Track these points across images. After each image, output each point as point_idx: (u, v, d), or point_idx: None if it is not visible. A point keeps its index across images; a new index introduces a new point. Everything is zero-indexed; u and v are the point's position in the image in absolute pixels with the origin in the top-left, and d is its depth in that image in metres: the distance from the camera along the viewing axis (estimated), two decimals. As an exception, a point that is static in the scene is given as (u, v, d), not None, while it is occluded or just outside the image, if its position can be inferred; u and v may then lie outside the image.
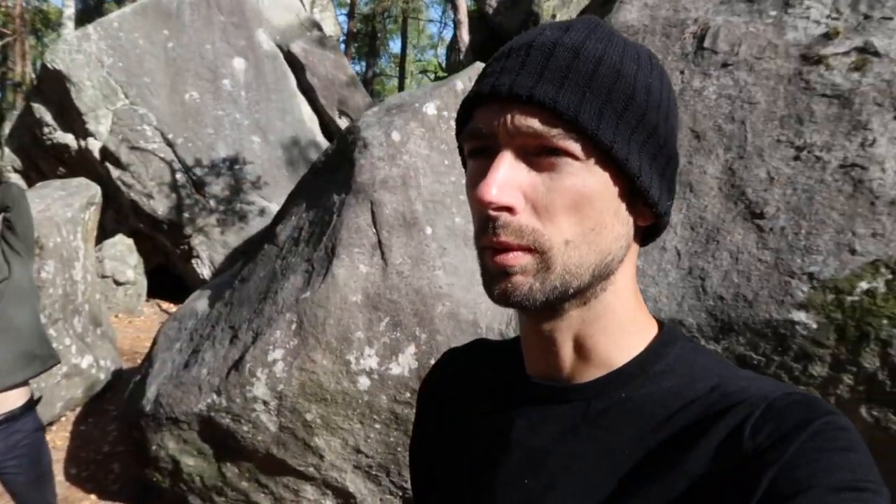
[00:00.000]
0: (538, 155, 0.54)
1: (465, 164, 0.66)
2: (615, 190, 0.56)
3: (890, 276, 1.98)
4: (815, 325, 2.09)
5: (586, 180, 0.54)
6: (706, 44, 2.67)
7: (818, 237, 2.12)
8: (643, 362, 0.59)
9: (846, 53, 2.31)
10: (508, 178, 0.53)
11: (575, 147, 0.53)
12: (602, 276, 0.57)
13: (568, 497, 0.56)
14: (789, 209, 2.21)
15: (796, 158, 2.26)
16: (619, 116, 0.54)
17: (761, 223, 2.25)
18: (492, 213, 0.53)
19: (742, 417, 0.51)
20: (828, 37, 2.42)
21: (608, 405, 0.58)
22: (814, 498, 0.43)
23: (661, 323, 0.64)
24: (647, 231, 0.63)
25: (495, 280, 0.56)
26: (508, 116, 0.54)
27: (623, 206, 0.57)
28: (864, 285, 2.02)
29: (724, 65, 2.56)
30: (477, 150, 0.58)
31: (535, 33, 0.57)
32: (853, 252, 2.04)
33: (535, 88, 0.53)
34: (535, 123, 0.53)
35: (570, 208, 0.54)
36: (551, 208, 0.54)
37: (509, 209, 0.53)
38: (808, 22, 2.51)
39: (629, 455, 0.55)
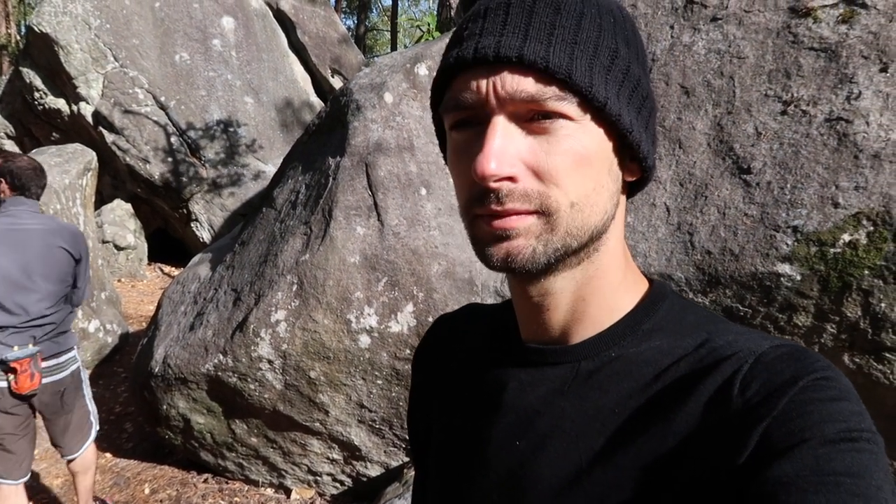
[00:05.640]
0: (530, 120, 0.52)
1: (439, 135, 0.63)
2: (608, 147, 0.55)
3: (871, 228, 2.03)
4: (799, 277, 2.15)
5: (583, 140, 0.53)
6: (696, -3, 2.66)
7: (803, 191, 2.16)
8: (632, 321, 0.59)
9: (834, 5, 2.30)
10: (506, 147, 0.51)
11: (569, 108, 0.51)
12: (598, 235, 0.56)
13: (558, 457, 0.56)
14: (775, 164, 2.24)
15: (783, 113, 2.29)
16: (607, 72, 0.53)
17: (748, 178, 2.29)
18: (493, 185, 0.51)
19: (730, 372, 0.50)
20: (817, -12, 2.42)
21: (598, 365, 0.57)
22: (808, 451, 0.43)
23: (650, 280, 0.64)
24: (633, 185, 0.62)
25: (493, 245, 0.54)
26: (497, 81, 0.51)
27: (615, 162, 0.56)
28: (846, 237, 2.07)
29: (714, 19, 2.56)
30: (462, 122, 0.55)
31: None
32: (836, 205, 2.09)
33: (524, 48, 0.50)
34: (528, 86, 0.50)
35: (572, 170, 0.52)
36: (554, 172, 0.52)
37: (511, 179, 0.51)
38: (798, -27, 2.50)
39: (618, 414, 0.54)
